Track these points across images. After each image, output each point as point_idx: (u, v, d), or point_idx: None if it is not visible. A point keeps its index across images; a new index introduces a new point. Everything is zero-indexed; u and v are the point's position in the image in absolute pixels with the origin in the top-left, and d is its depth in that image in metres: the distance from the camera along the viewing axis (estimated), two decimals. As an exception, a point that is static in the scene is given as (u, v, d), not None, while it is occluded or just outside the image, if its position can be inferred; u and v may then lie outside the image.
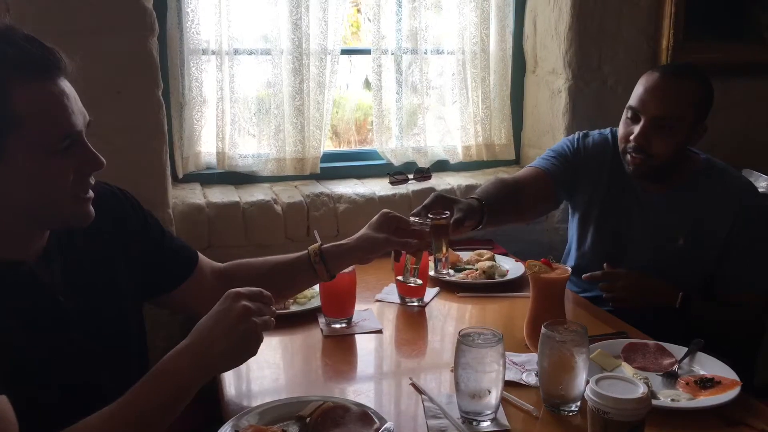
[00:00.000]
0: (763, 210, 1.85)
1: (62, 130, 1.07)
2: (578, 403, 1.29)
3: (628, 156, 1.84)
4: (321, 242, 1.52)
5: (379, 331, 1.67)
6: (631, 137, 1.80)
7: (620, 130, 1.87)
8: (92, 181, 1.14)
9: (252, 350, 1.13)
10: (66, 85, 1.09)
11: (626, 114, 1.85)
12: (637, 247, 1.92)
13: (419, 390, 1.38)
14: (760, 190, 2.09)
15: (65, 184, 1.09)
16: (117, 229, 1.32)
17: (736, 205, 1.82)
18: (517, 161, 2.73)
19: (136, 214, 1.38)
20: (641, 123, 1.79)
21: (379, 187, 2.41)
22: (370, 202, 2.34)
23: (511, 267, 2.08)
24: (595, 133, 2.05)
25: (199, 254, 1.51)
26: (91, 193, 1.14)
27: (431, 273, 1.82)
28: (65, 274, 1.18)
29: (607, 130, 2.03)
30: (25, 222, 1.12)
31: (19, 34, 1.06)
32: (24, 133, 1.03)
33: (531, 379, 1.41)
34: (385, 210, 1.55)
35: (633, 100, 1.82)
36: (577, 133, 2.08)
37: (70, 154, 1.09)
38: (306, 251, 1.51)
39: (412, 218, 1.59)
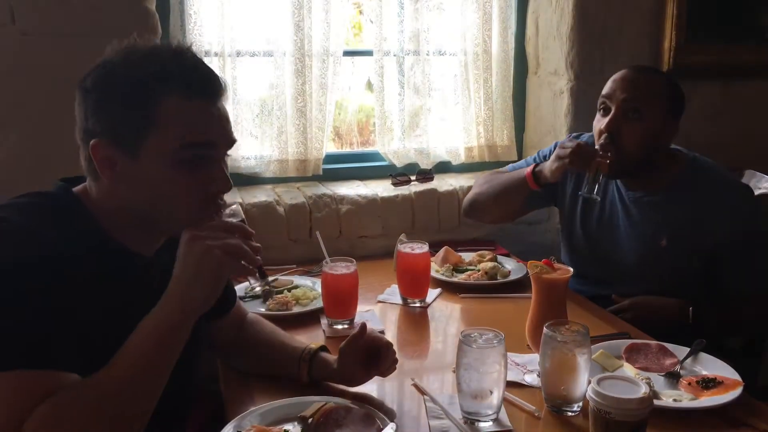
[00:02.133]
0: (751, 208, 1.83)
1: (191, 137, 1.09)
2: (580, 404, 1.29)
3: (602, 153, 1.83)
4: (321, 346, 1.42)
5: (381, 332, 1.66)
6: (602, 126, 1.81)
7: (594, 128, 1.87)
8: (225, 210, 1.16)
9: (213, 272, 1.05)
10: (213, 106, 1.13)
11: (598, 109, 1.87)
12: (622, 247, 1.92)
13: (421, 390, 1.39)
14: (763, 191, 2.08)
15: (188, 199, 1.11)
16: None
17: (722, 206, 1.80)
18: (519, 162, 2.73)
19: None
20: (612, 112, 1.81)
21: (382, 188, 2.42)
22: (373, 204, 2.34)
23: (512, 268, 2.08)
24: (585, 136, 2.06)
25: (237, 298, 1.54)
26: (218, 219, 1.14)
27: (581, 193, 1.84)
28: (164, 279, 1.16)
29: None
30: (145, 223, 1.15)
31: (189, 54, 1.13)
32: (160, 136, 1.08)
33: (533, 379, 1.41)
34: (341, 347, 1.36)
35: (603, 91, 1.85)
36: (568, 135, 2.10)
37: (196, 169, 1.11)
38: (304, 347, 1.42)
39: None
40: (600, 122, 1.84)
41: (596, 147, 1.83)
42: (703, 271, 1.84)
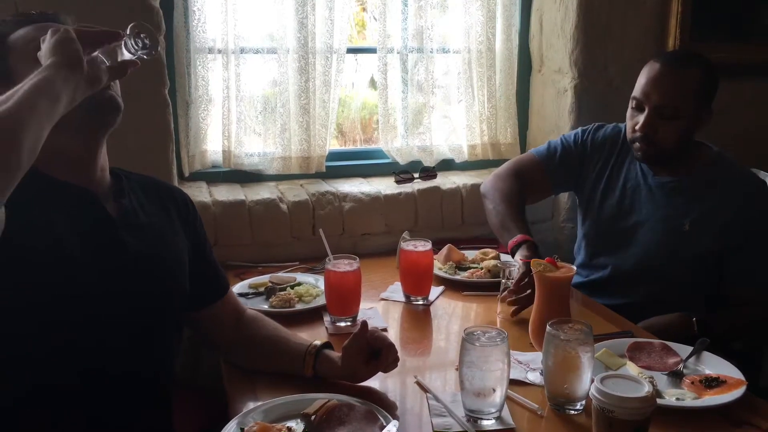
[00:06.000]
0: None
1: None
2: (583, 402, 1.29)
3: (636, 144, 1.88)
4: (326, 342, 1.44)
5: (384, 330, 1.67)
6: (637, 127, 1.85)
7: (627, 121, 1.92)
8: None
9: (65, 54, 1.04)
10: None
11: (631, 105, 1.89)
12: (645, 229, 1.93)
13: (424, 388, 1.39)
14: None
15: None
16: (180, 217, 1.45)
17: (742, 197, 1.84)
18: (522, 160, 2.73)
19: (195, 219, 1.50)
20: (645, 113, 1.83)
21: (385, 185, 2.42)
22: (376, 201, 2.34)
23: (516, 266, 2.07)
24: (609, 126, 2.10)
25: (231, 289, 1.56)
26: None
27: None
28: (125, 216, 1.30)
29: (623, 124, 2.07)
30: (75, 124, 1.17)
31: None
32: (16, 53, 1.21)
33: (536, 377, 1.41)
34: (345, 345, 1.38)
35: (636, 91, 1.87)
36: (593, 124, 2.12)
37: None
38: (309, 343, 1.43)
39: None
40: (633, 118, 1.88)
41: (629, 139, 1.90)
42: (718, 265, 1.86)
